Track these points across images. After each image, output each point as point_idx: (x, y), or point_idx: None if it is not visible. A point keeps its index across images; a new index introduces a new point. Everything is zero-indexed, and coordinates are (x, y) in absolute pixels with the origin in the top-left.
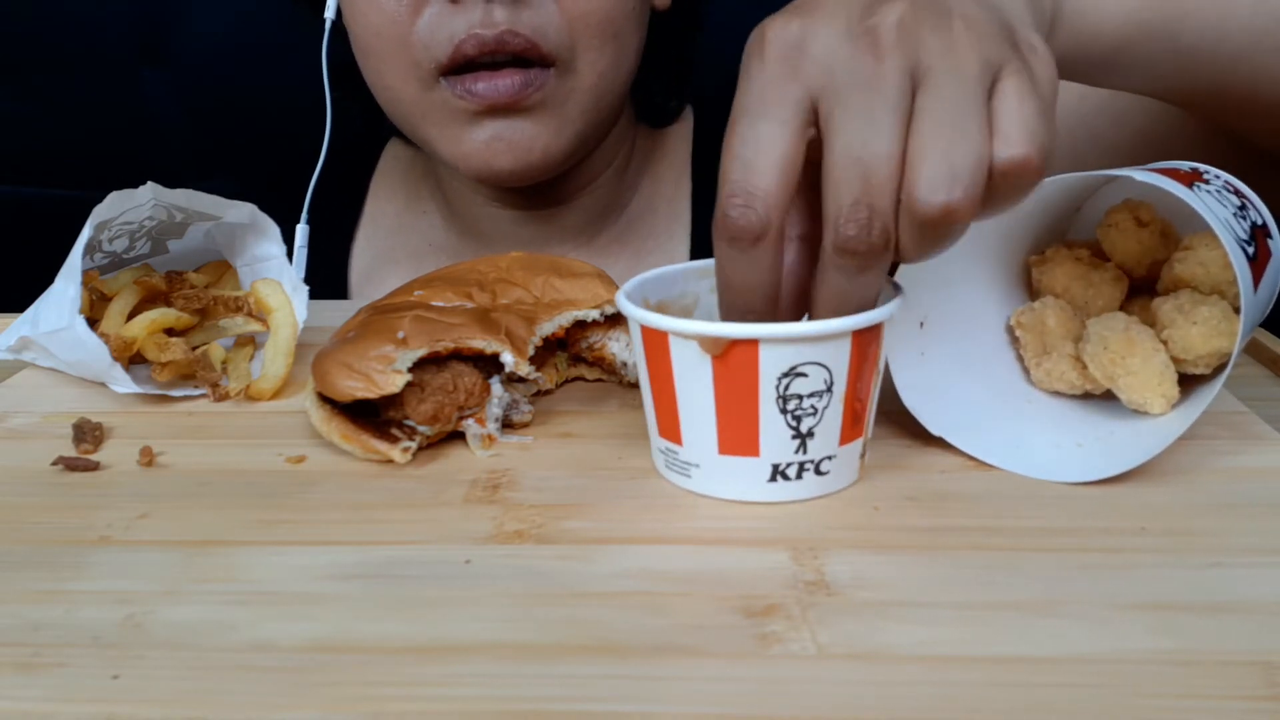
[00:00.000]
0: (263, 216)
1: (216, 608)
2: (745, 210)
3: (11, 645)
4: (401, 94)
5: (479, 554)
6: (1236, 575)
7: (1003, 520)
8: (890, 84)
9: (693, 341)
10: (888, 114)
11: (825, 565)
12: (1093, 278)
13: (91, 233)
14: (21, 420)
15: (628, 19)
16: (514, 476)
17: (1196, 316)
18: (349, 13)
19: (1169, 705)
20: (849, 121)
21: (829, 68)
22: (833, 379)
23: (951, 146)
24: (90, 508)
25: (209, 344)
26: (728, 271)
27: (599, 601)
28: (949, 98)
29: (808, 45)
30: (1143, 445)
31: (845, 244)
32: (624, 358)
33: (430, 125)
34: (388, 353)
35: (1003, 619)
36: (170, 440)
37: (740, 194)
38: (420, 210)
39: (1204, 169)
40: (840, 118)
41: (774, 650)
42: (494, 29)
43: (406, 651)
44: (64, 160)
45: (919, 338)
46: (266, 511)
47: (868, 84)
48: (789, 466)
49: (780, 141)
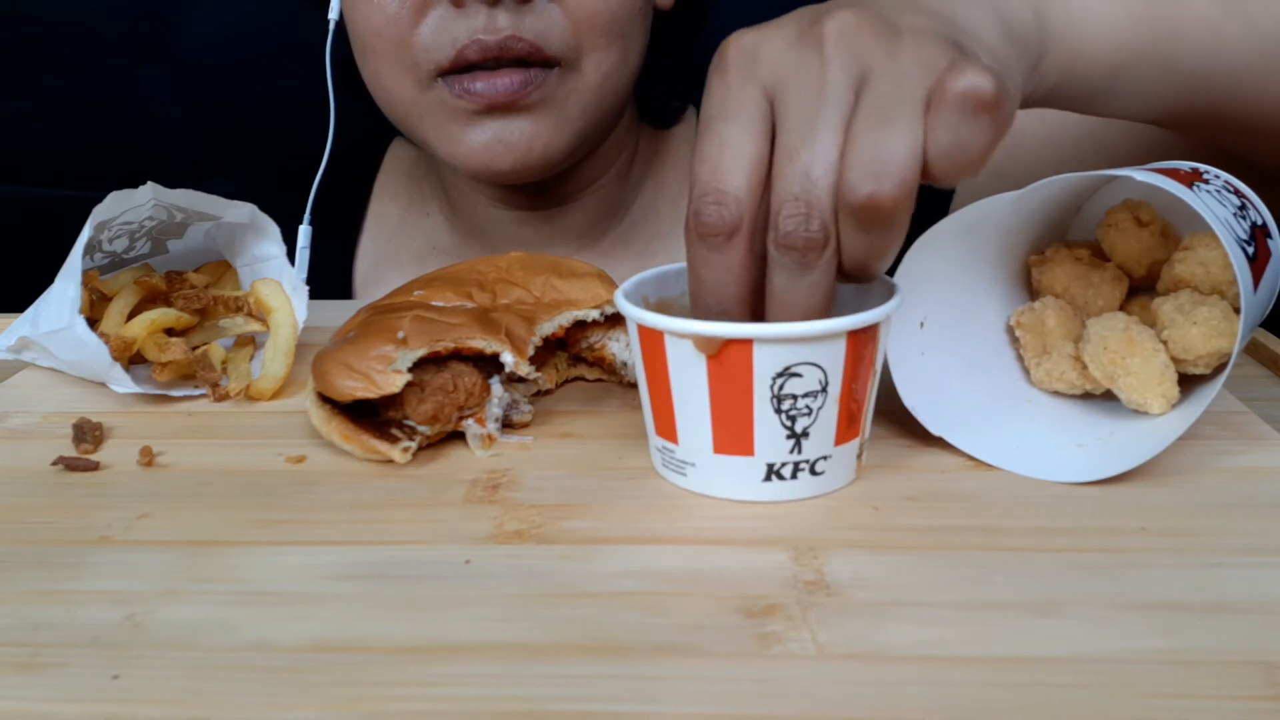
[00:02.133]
0: (262, 216)
1: (216, 608)
2: (717, 208)
3: (11, 645)
4: (399, 94)
5: (479, 554)
6: (1236, 575)
7: (1003, 520)
8: (833, 84)
9: (688, 340)
10: (830, 112)
11: (825, 565)
12: (1093, 278)
13: (91, 233)
14: (21, 420)
15: (632, 19)
16: (514, 476)
17: (1196, 316)
18: (349, 13)
19: (1169, 705)
20: (792, 119)
21: (779, 69)
22: (828, 379)
23: (882, 139)
24: (90, 508)
25: (209, 344)
26: (700, 271)
27: (599, 601)
28: (885, 94)
29: (760, 51)
30: (1143, 445)
31: (784, 239)
32: (624, 358)
33: (428, 125)
34: (388, 353)
35: (1003, 619)
36: (170, 440)
37: (711, 193)
38: (423, 211)
39: (1204, 169)
40: (786, 116)
41: (774, 650)
42: (497, 34)
43: (406, 651)
44: (64, 160)
45: (919, 338)
46: (266, 511)
47: (811, 83)
48: (784, 466)
49: (744, 141)
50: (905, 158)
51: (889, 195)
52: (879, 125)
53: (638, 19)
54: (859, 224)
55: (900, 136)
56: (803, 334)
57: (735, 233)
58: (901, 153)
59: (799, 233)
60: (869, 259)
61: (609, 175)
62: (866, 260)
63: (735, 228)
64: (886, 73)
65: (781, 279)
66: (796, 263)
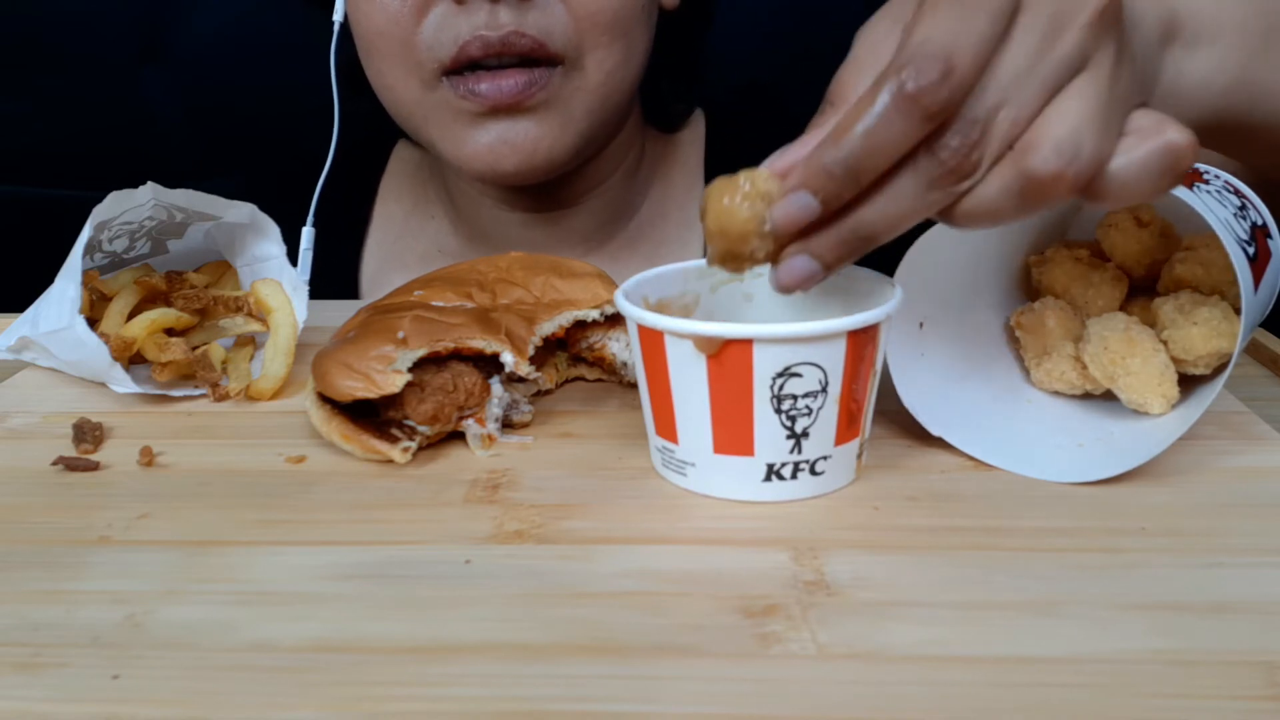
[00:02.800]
0: (262, 216)
1: (216, 608)
2: (943, 82)
3: (11, 645)
4: (403, 94)
5: (479, 554)
6: (1236, 575)
7: (1003, 520)
8: (1073, 47)
9: (688, 340)
10: (1052, 70)
11: (825, 565)
12: (1093, 278)
13: (91, 233)
14: (21, 420)
15: (636, 18)
16: (514, 476)
17: (1197, 317)
18: (353, 13)
19: (1169, 705)
20: (1023, 49)
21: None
22: (828, 379)
23: (1089, 129)
24: (90, 508)
25: (209, 344)
26: (870, 123)
27: (599, 601)
28: (1104, 91)
29: None
30: (1143, 445)
31: (940, 148)
32: (624, 358)
33: (433, 126)
34: (388, 353)
35: (1003, 619)
36: (170, 440)
37: (944, 60)
38: (428, 214)
39: (1204, 169)
40: (1016, 42)
41: (774, 650)
42: (499, 30)
43: (406, 651)
44: (64, 160)
45: (919, 338)
46: (266, 511)
47: (1057, 31)
48: (784, 466)
49: (991, 30)
50: (1096, 157)
51: (1069, 181)
52: (1094, 115)
53: (641, 17)
54: (1013, 188)
55: (1105, 138)
56: (802, 334)
57: (938, 116)
58: (1096, 152)
59: (955, 158)
60: (982, 214)
61: (615, 178)
62: (978, 212)
63: (945, 110)
64: (1110, 74)
65: (906, 179)
66: (932, 175)
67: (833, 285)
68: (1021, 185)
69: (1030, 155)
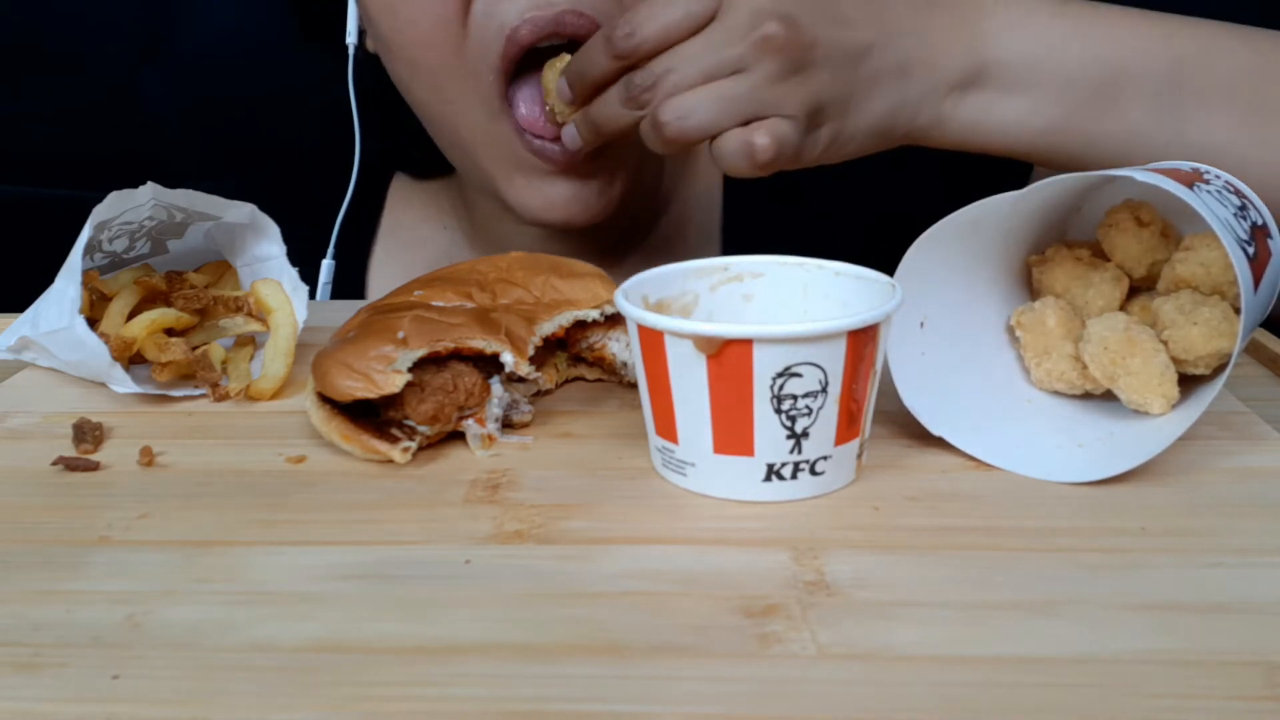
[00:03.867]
0: (262, 216)
1: (216, 608)
2: (629, 39)
3: (11, 645)
4: (463, 120)
5: (479, 554)
6: (1236, 575)
7: (1003, 520)
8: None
9: (688, 340)
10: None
11: (825, 565)
12: (1093, 278)
13: (91, 233)
14: (21, 420)
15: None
16: (514, 476)
17: (1197, 317)
18: (388, 36)
19: (1169, 705)
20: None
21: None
22: (828, 379)
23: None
24: (90, 508)
25: (209, 344)
26: (589, 54)
27: (599, 601)
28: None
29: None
30: (1143, 445)
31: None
32: (624, 358)
33: (496, 167)
34: (388, 353)
35: (1003, 619)
36: (170, 440)
37: (631, 26)
38: (440, 224)
39: (1204, 169)
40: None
41: (774, 650)
42: (551, 9)
43: (406, 651)
44: (64, 160)
45: (919, 338)
46: (266, 511)
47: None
48: (784, 466)
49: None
50: (701, 127)
51: (673, 130)
52: (717, 100)
53: None
54: (649, 124)
55: (719, 117)
56: (803, 334)
57: (620, 58)
58: (701, 123)
59: (635, 91)
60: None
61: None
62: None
63: (625, 56)
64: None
65: (611, 93)
66: (621, 96)
67: (833, 285)
68: (653, 123)
69: (664, 107)
